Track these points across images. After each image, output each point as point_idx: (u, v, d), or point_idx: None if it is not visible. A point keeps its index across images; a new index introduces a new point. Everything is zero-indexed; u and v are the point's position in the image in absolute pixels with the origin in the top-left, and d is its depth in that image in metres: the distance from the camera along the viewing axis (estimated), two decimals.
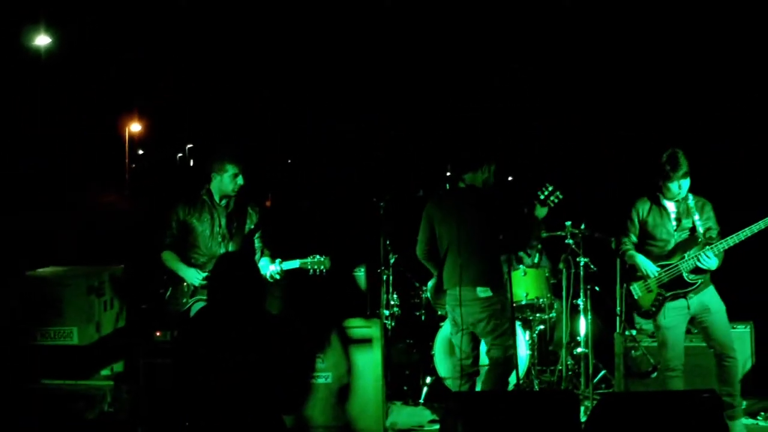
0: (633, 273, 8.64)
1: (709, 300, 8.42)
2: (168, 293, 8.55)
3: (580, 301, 10.22)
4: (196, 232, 8.60)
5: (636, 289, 8.61)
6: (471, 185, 8.31)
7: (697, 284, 8.33)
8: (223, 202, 8.67)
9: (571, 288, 10.34)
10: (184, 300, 8.52)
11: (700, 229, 8.34)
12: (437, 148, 13.01)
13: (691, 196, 8.41)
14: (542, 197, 8.50)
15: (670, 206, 8.46)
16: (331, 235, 13.11)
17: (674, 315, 8.43)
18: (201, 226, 8.60)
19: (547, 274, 10.44)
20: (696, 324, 8.58)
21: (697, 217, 8.36)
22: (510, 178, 12.17)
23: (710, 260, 8.21)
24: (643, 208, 8.54)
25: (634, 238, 8.61)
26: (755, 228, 8.07)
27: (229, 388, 5.89)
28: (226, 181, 8.61)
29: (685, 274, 8.32)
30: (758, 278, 8.48)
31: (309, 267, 8.65)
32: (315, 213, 13.89)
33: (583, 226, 10.16)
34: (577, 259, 10.18)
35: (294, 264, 8.67)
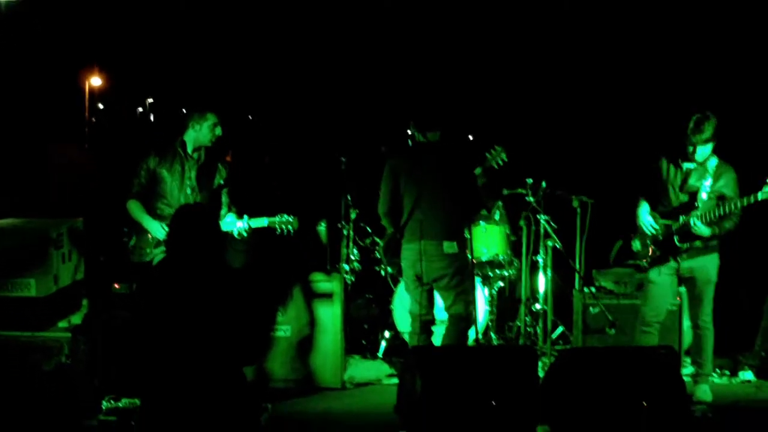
0: (624, 227, 8.66)
1: (701, 269, 8.41)
2: (131, 242, 8.49)
3: (540, 258, 10.25)
4: (165, 182, 8.51)
5: (636, 242, 8.63)
6: (434, 142, 8.28)
7: (686, 249, 8.31)
8: (195, 154, 8.60)
9: (531, 245, 10.37)
10: (148, 250, 8.45)
11: (703, 195, 8.27)
12: (400, 105, 12.95)
13: (714, 160, 8.32)
14: (489, 158, 8.55)
15: (686, 167, 8.41)
16: (292, 190, 13.07)
17: (663, 272, 8.45)
18: (171, 177, 8.51)
19: (507, 231, 10.45)
20: (683, 285, 8.63)
21: (709, 181, 8.25)
22: (470, 137, 12.15)
23: (699, 228, 8.19)
24: (663, 164, 8.50)
25: (647, 188, 8.60)
26: (751, 199, 8.00)
27: (188, 341, 5.86)
28: (204, 131, 8.53)
29: (676, 237, 8.32)
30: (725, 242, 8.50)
31: (277, 226, 8.61)
32: (276, 168, 13.83)
33: (544, 184, 10.17)
34: (538, 217, 10.20)
35: (262, 222, 8.61)
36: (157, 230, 8.37)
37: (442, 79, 12.82)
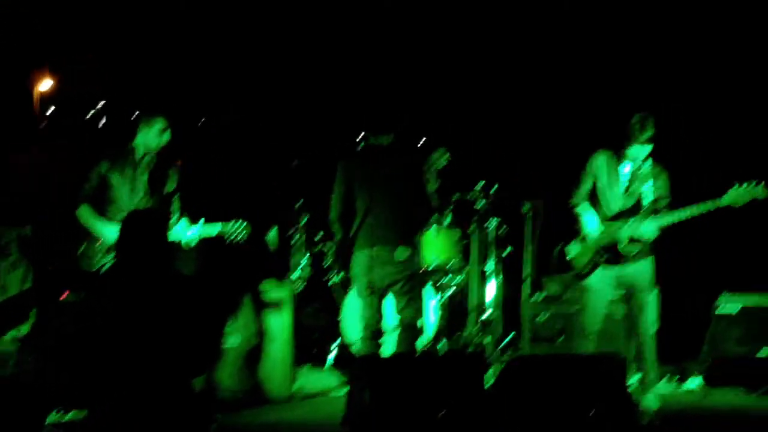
0: (572, 231, 8.56)
1: (641, 277, 8.28)
2: (80, 249, 8.41)
3: (490, 265, 10.28)
4: (116, 188, 8.40)
5: (572, 248, 8.44)
6: (387, 146, 8.23)
7: (633, 254, 8.31)
8: (146, 159, 8.54)
9: (480, 251, 10.40)
10: (99, 257, 8.37)
11: (648, 197, 8.21)
12: (352, 108, 12.94)
13: (650, 162, 8.22)
14: (434, 159, 8.53)
15: (626, 169, 8.31)
16: (242, 196, 13.04)
17: (602, 280, 8.30)
18: (122, 183, 8.41)
19: (458, 237, 10.46)
20: (623, 294, 8.52)
21: (650, 185, 8.16)
22: (422, 141, 12.16)
23: (649, 230, 8.13)
24: (601, 161, 8.30)
25: (587, 189, 8.38)
26: (702, 208, 7.94)
27: (136, 350, 5.84)
28: (152, 135, 8.47)
29: (620, 243, 8.21)
30: (664, 242, 8.51)
31: (227, 234, 8.56)
32: (226, 173, 13.79)
33: (494, 190, 10.20)
34: (488, 222, 10.23)
35: (212, 230, 8.54)
36: (110, 236, 8.28)
37: (394, 82, 12.79)
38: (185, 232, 8.48)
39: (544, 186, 11.48)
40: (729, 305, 9.73)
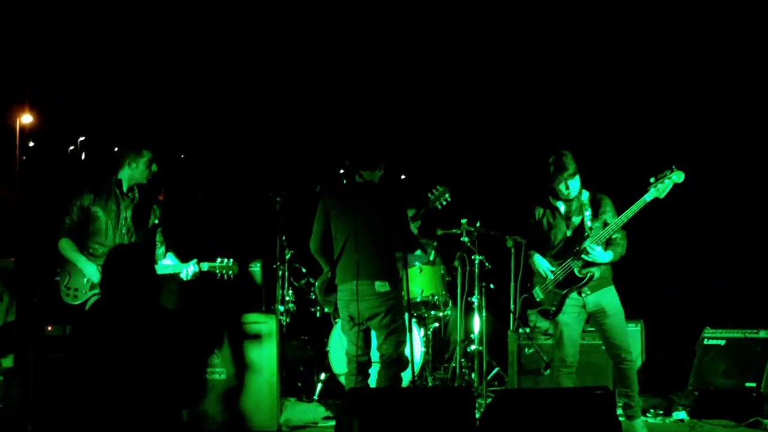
0: (534, 275, 8.70)
1: (607, 302, 8.43)
2: (64, 282, 8.35)
3: (475, 299, 10.29)
4: (100, 221, 8.38)
5: (537, 291, 8.62)
6: (369, 181, 8.27)
7: (588, 277, 8.34)
8: (131, 193, 8.53)
9: (465, 285, 10.41)
10: (83, 291, 8.32)
11: (588, 224, 8.36)
12: (333, 144, 12.96)
13: (585, 193, 8.46)
14: (432, 198, 8.55)
15: (562, 207, 8.53)
16: (226, 230, 13.03)
17: (571, 312, 8.45)
18: (106, 216, 8.39)
19: (442, 272, 10.49)
20: (593, 324, 8.63)
21: (588, 212, 8.38)
22: (403, 177, 12.19)
23: (596, 252, 8.25)
24: (538, 212, 8.60)
25: (535, 241, 8.67)
26: (630, 213, 8.13)
27: (122, 383, 5.82)
28: (141, 168, 8.48)
29: (575, 269, 8.36)
30: (648, 278, 8.57)
31: (217, 271, 8.56)
32: (209, 207, 13.78)
33: (478, 224, 10.23)
34: (472, 257, 10.25)
35: (204, 266, 8.55)
36: (93, 273, 8.25)
37: (376, 119, 12.83)
38: (182, 268, 8.46)
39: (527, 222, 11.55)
40: (715, 337, 9.79)
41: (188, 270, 8.45)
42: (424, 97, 13.06)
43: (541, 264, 8.53)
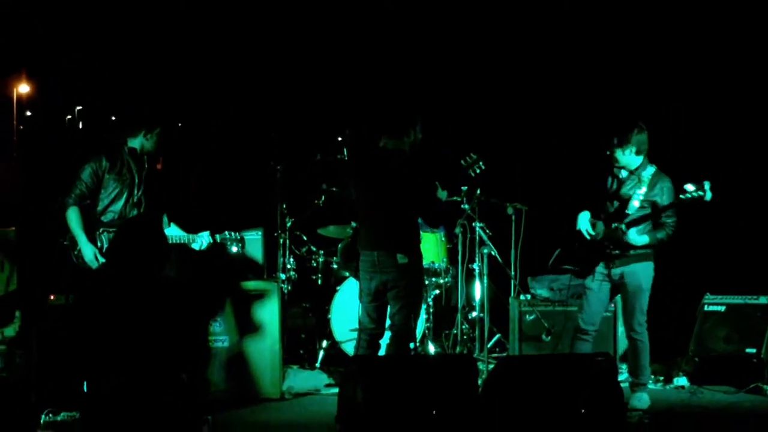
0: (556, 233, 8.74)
1: (631, 275, 8.39)
2: (75, 250, 8.30)
3: (476, 266, 10.29)
4: (113, 189, 8.37)
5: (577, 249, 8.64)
6: (395, 149, 8.11)
7: (617, 255, 8.34)
8: (144, 162, 8.53)
9: (467, 253, 10.42)
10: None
11: (635, 203, 8.30)
12: (336, 111, 12.93)
13: (651, 169, 8.38)
14: (464, 165, 8.47)
15: (622, 174, 8.48)
16: (226, 199, 13.04)
17: (596, 278, 8.47)
18: (120, 185, 8.38)
19: (443, 239, 10.48)
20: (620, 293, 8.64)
21: (643, 190, 8.28)
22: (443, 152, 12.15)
23: (630, 236, 8.21)
24: (609, 179, 8.57)
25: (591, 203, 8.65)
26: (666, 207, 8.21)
27: (127, 351, 5.85)
28: (154, 139, 8.49)
29: (606, 243, 8.35)
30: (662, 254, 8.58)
31: (228, 244, 8.59)
32: (208, 177, 13.78)
33: (479, 192, 10.21)
34: (473, 224, 10.25)
35: (218, 238, 8.58)
36: (91, 259, 8.21)
37: (380, 86, 12.81)
38: (198, 237, 8.47)
39: (529, 188, 11.55)
40: (716, 303, 9.82)
41: (203, 241, 8.46)
42: (428, 64, 13.03)
43: (581, 223, 8.51)
